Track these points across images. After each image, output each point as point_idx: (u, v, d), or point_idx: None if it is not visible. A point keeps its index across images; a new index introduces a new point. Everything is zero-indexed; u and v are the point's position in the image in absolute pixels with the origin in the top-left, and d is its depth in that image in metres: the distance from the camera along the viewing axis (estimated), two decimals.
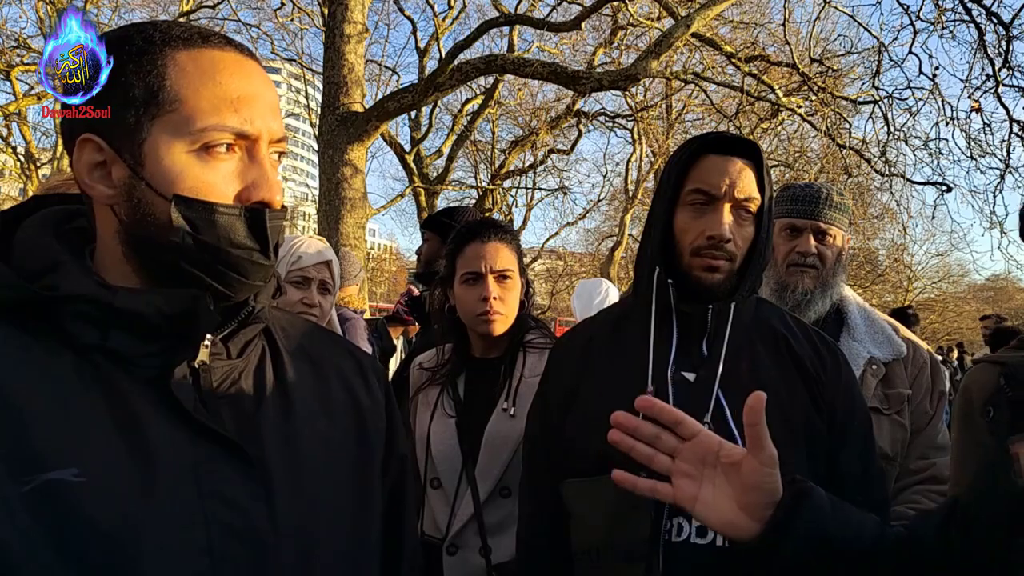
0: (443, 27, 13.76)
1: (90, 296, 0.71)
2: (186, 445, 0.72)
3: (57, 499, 0.65)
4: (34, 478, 0.65)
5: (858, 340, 1.82)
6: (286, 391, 0.83)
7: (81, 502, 0.66)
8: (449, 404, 1.79)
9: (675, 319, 1.29)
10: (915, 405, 1.79)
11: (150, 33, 0.74)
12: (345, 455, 0.86)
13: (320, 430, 0.84)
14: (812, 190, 1.90)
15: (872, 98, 9.21)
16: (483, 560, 1.66)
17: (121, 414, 0.71)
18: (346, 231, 6.77)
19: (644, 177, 17.49)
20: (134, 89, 0.72)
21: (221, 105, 0.73)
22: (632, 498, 1.18)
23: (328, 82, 7.09)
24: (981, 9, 7.58)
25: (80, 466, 0.67)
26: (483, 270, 1.74)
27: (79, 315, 0.72)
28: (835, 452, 1.27)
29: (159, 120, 0.73)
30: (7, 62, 11.67)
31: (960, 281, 28.57)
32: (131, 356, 0.73)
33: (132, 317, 0.72)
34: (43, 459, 0.66)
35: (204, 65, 0.74)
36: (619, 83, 7.08)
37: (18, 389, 0.68)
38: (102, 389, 0.71)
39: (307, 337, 0.93)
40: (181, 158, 0.73)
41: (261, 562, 0.73)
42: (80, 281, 0.72)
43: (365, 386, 0.94)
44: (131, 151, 0.73)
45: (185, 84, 0.73)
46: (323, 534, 0.79)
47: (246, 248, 0.76)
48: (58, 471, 0.66)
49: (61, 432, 0.68)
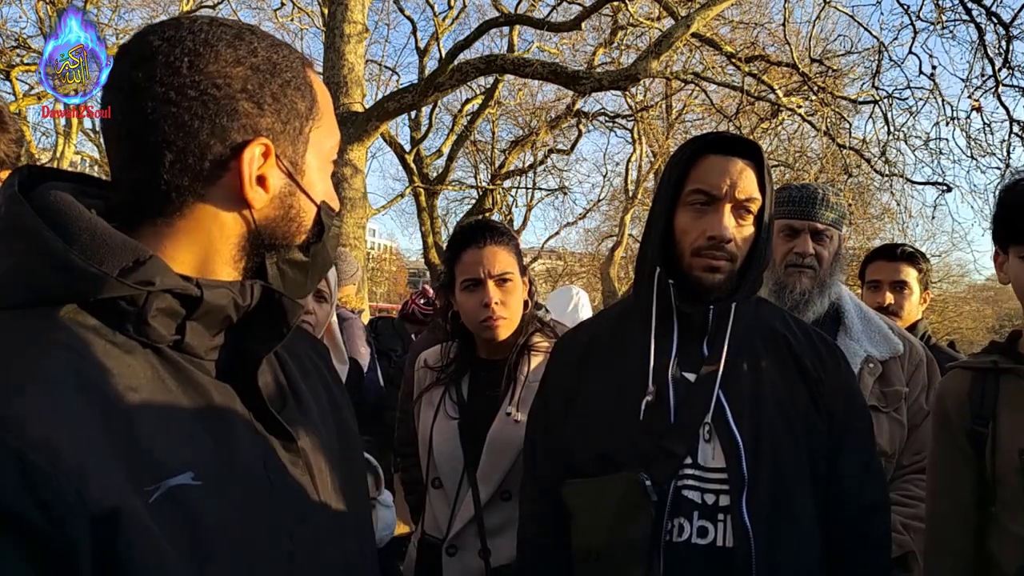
0: (443, 27, 13.75)
1: (179, 290, 0.70)
2: (258, 437, 0.75)
3: (182, 506, 0.63)
4: (159, 486, 0.62)
5: (855, 339, 1.84)
6: (294, 384, 0.87)
7: (203, 506, 0.65)
8: (452, 405, 1.79)
9: (676, 319, 1.29)
10: (911, 402, 1.80)
11: (295, 52, 0.80)
12: (339, 441, 0.90)
13: (322, 419, 0.88)
14: (808, 191, 1.91)
15: (872, 98, 9.21)
16: (482, 562, 1.65)
17: (206, 411, 0.71)
18: (346, 231, 6.77)
19: (644, 177, 17.48)
20: (300, 102, 0.77)
21: (334, 119, 0.83)
22: (633, 498, 1.19)
23: (328, 82, 7.09)
24: (981, 9, 7.58)
25: (194, 469, 0.65)
26: (482, 275, 1.73)
27: (163, 310, 0.70)
28: (836, 452, 1.27)
29: (315, 132, 0.79)
30: (7, 62, 11.66)
31: (960, 281, 28.57)
32: (198, 350, 0.73)
33: (211, 310, 0.72)
34: (161, 465, 0.64)
35: (320, 81, 0.82)
36: (619, 83, 7.08)
37: (118, 391, 0.64)
38: (184, 386, 0.70)
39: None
40: (321, 168, 0.81)
41: (321, 544, 0.78)
42: (169, 276, 0.70)
43: (327, 367, 0.98)
44: (293, 160, 0.78)
45: (323, 100, 0.81)
46: (347, 517, 0.85)
47: (331, 256, 0.84)
48: (179, 476, 0.64)
49: (168, 434, 0.66)
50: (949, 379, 1.47)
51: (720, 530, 1.18)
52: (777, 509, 1.19)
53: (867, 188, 14.55)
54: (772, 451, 1.21)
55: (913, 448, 1.78)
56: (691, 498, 1.20)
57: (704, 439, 1.22)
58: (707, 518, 1.19)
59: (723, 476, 1.20)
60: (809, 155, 14.29)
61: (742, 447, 1.20)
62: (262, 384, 0.76)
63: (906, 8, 8.44)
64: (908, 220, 12.02)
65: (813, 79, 8.87)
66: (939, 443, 1.45)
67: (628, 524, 1.18)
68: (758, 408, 1.23)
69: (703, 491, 1.20)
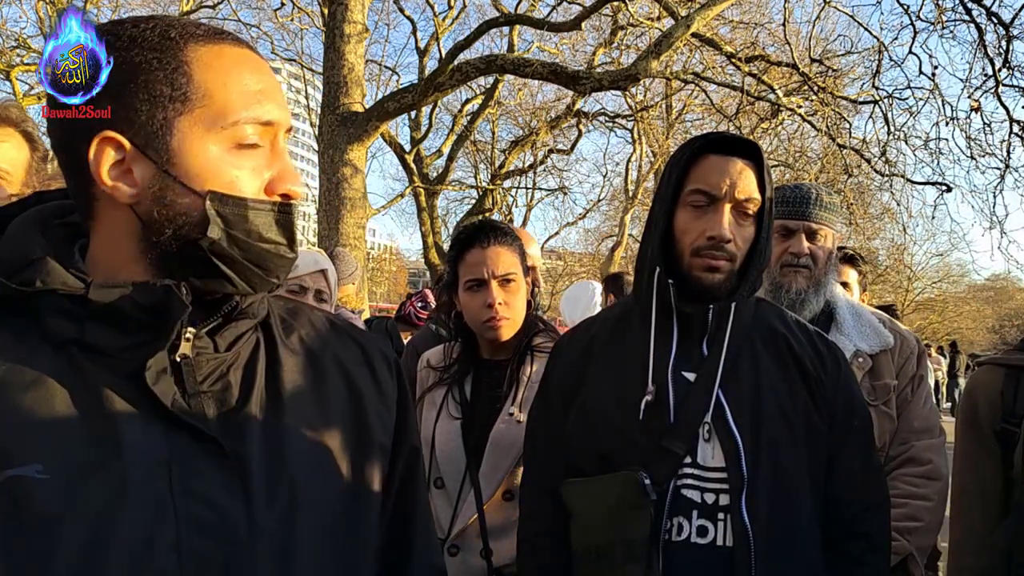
0: (443, 27, 13.75)
1: (64, 290, 0.71)
2: (160, 439, 0.71)
3: (18, 497, 0.64)
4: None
5: (845, 335, 1.85)
6: (277, 386, 0.81)
7: (42, 499, 0.65)
8: (455, 405, 1.79)
9: (675, 319, 1.29)
10: (898, 393, 1.81)
11: (165, 28, 0.74)
12: (338, 450, 0.83)
13: (310, 425, 0.82)
14: (802, 191, 1.91)
15: (872, 98, 9.22)
16: (484, 562, 1.65)
17: (94, 409, 0.70)
18: (346, 231, 6.78)
19: (644, 177, 17.48)
20: (158, 85, 0.72)
21: (248, 99, 0.74)
22: (632, 497, 1.19)
23: (328, 82, 7.10)
24: (981, 9, 7.59)
25: (45, 462, 0.66)
26: (486, 276, 1.73)
27: (55, 309, 0.72)
28: (835, 451, 1.27)
29: (187, 116, 0.72)
30: (7, 62, 11.66)
31: (960, 281, 28.61)
32: (109, 349, 0.72)
33: (107, 310, 0.72)
34: (8, 455, 0.65)
35: (226, 60, 0.75)
36: (619, 83, 7.09)
37: None
38: (76, 384, 0.70)
39: (308, 328, 0.90)
40: (213, 153, 0.73)
41: (234, 558, 0.71)
42: (55, 275, 0.72)
43: (371, 376, 0.91)
44: (158, 148, 0.72)
45: (211, 78, 0.73)
46: (307, 531, 0.77)
47: (275, 243, 0.76)
48: (21, 467, 0.65)
49: (29, 428, 0.67)
50: (980, 375, 1.44)
51: (720, 529, 1.18)
52: (776, 509, 1.19)
53: (867, 188, 14.56)
54: (772, 451, 1.21)
55: (899, 439, 1.79)
56: (690, 497, 1.20)
57: (704, 438, 1.22)
58: (707, 517, 1.19)
59: (723, 475, 1.20)
60: (809, 155, 14.31)
61: (742, 447, 1.20)
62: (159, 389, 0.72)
63: (906, 8, 8.46)
64: (908, 220, 12.05)
65: (813, 79, 8.88)
66: (965, 442, 1.42)
67: (627, 523, 1.18)
68: (758, 408, 1.24)
69: (703, 490, 1.20)
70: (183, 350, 0.75)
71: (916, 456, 1.75)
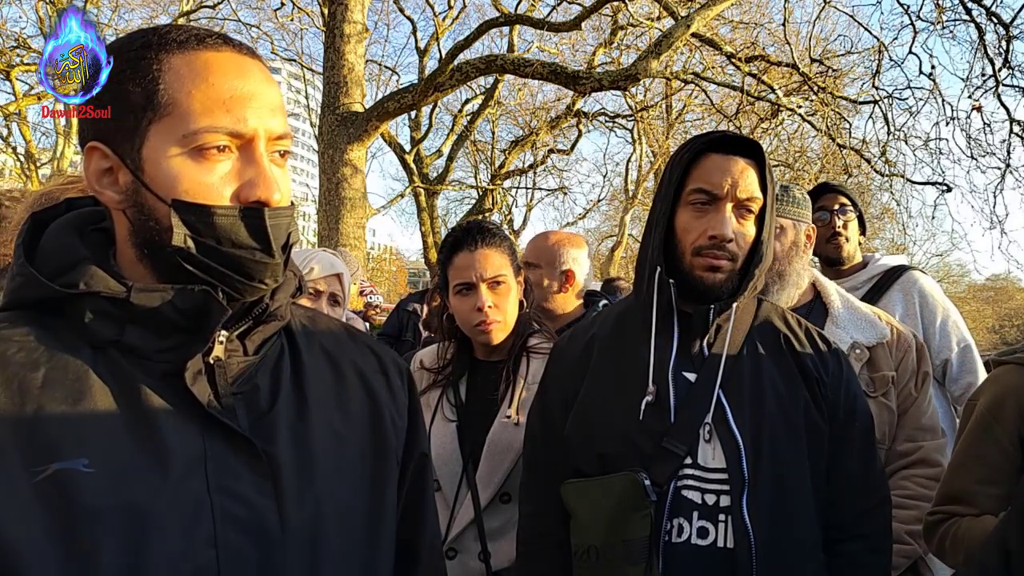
0: (443, 27, 13.73)
1: (107, 293, 0.74)
2: (197, 438, 0.74)
3: (66, 489, 0.67)
4: (45, 468, 0.67)
5: (841, 327, 1.84)
6: (302, 389, 0.84)
7: (89, 492, 0.67)
8: (450, 408, 1.77)
9: (676, 319, 1.29)
10: (900, 387, 1.80)
11: (148, 38, 0.75)
12: (359, 454, 0.86)
13: (335, 429, 0.84)
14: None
15: (872, 98, 9.20)
16: (482, 565, 1.65)
17: (134, 407, 0.72)
18: (346, 231, 6.77)
19: (644, 177, 17.48)
20: (132, 95, 0.73)
21: (213, 106, 0.74)
22: (632, 498, 1.18)
23: (328, 82, 7.09)
24: (981, 9, 7.58)
25: (91, 457, 0.68)
26: (474, 279, 1.71)
27: (97, 311, 0.74)
28: (836, 451, 1.27)
29: (155, 124, 0.73)
30: (7, 62, 11.65)
31: (960, 281, 28.59)
32: (147, 351, 0.75)
33: (147, 313, 0.74)
34: (56, 449, 0.68)
35: (197, 67, 0.74)
36: (619, 83, 7.08)
37: (36, 382, 0.70)
38: (117, 383, 0.73)
39: (328, 335, 0.93)
40: (177, 161, 0.73)
41: (267, 556, 0.74)
42: (98, 279, 0.74)
43: (386, 384, 0.94)
44: (132, 156, 0.74)
45: (178, 87, 0.73)
46: (332, 532, 0.79)
47: (248, 248, 0.76)
48: (69, 461, 0.68)
49: (75, 424, 0.70)
50: (1005, 376, 1.38)
51: (721, 531, 1.18)
52: (778, 509, 1.19)
53: (867, 188, 14.55)
54: (773, 451, 1.21)
55: (904, 435, 1.76)
56: (691, 498, 1.20)
57: (704, 439, 1.22)
58: (707, 518, 1.19)
59: (723, 476, 1.20)
60: (809, 155, 14.30)
61: (743, 447, 1.20)
62: (197, 390, 0.75)
63: (906, 8, 8.45)
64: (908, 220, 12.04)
65: (813, 79, 8.87)
66: (980, 444, 1.35)
67: (628, 524, 1.18)
68: (759, 408, 1.23)
69: (703, 491, 1.20)
70: (216, 353, 0.78)
71: (927, 457, 1.72)
